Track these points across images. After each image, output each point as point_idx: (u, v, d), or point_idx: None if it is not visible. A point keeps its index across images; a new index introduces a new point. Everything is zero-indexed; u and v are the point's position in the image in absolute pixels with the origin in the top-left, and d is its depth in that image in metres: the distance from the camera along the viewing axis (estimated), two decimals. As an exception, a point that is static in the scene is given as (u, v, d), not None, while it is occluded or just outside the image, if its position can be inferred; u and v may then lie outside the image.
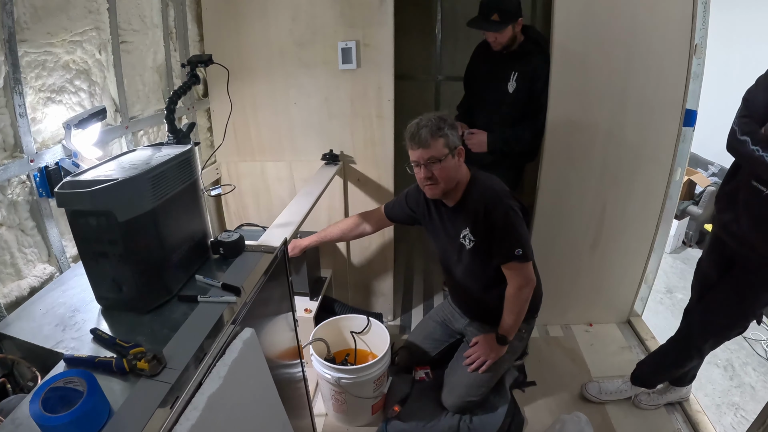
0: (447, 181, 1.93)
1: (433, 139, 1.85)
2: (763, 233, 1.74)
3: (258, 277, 1.41)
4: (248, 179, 2.83)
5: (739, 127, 1.68)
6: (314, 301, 2.52)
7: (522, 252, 1.93)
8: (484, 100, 2.70)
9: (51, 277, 1.53)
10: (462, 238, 2.05)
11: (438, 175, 1.90)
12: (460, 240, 2.06)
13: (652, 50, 2.38)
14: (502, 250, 1.96)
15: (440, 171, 1.89)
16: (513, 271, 2.00)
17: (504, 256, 1.97)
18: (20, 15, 1.41)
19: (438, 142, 1.86)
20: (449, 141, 1.88)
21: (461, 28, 3.55)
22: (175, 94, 1.50)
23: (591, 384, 2.45)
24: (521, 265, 1.98)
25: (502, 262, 2.00)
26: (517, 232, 1.94)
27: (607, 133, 2.54)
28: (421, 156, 1.89)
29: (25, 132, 1.43)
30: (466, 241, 2.04)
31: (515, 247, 1.93)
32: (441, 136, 1.86)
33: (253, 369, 1.25)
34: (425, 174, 1.91)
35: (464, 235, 2.04)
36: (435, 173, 1.90)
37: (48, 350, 1.09)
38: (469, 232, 2.03)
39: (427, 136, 1.85)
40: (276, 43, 2.54)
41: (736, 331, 2.02)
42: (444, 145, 1.87)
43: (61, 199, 1.12)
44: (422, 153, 1.88)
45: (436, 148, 1.86)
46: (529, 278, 2.02)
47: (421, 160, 1.89)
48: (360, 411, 2.25)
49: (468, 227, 2.02)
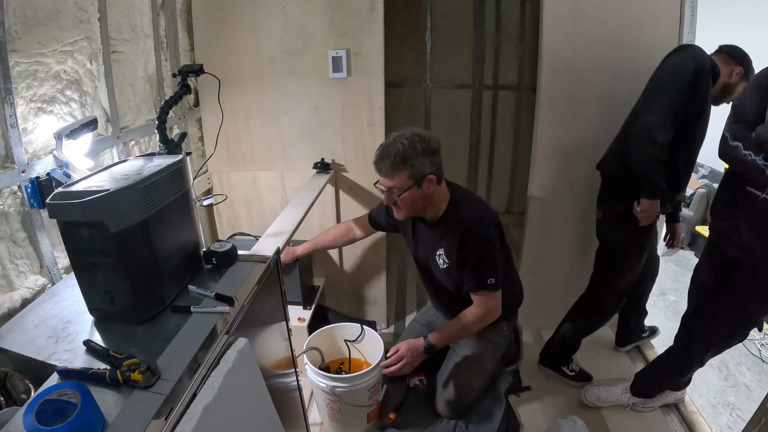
0: (411, 209, 1.89)
1: (396, 171, 1.77)
2: (762, 238, 1.75)
3: (251, 287, 1.40)
4: (240, 189, 2.83)
5: (731, 133, 1.71)
6: (308, 310, 2.52)
7: (494, 281, 1.89)
8: (702, 137, 2.17)
9: (43, 288, 1.52)
10: (437, 256, 2.01)
11: (401, 204, 1.86)
12: (435, 257, 2.02)
13: (641, 54, 2.41)
14: (473, 279, 1.91)
15: (402, 201, 1.84)
16: (481, 298, 1.95)
17: (475, 285, 1.92)
18: (11, 25, 1.41)
19: (400, 174, 1.77)
20: (415, 172, 1.77)
21: (451, 36, 3.59)
22: (166, 103, 1.50)
23: (590, 391, 2.44)
24: (491, 294, 1.93)
25: (473, 290, 1.95)
26: (491, 264, 1.90)
27: (597, 137, 2.55)
28: (383, 183, 1.84)
29: (16, 142, 1.42)
30: (440, 260, 2.00)
31: (488, 277, 1.89)
32: (405, 167, 1.76)
33: (248, 379, 1.24)
34: (388, 201, 1.89)
35: (438, 254, 2.00)
36: (397, 202, 1.85)
37: (41, 362, 1.08)
38: (443, 253, 1.98)
39: (388, 168, 1.78)
40: (267, 53, 2.55)
41: (738, 339, 2.02)
42: (408, 176, 1.78)
43: (53, 210, 1.11)
44: (384, 181, 1.83)
45: (398, 179, 1.78)
46: (494, 310, 1.97)
47: (384, 187, 1.85)
48: (355, 419, 2.24)
49: (442, 248, 1.98)
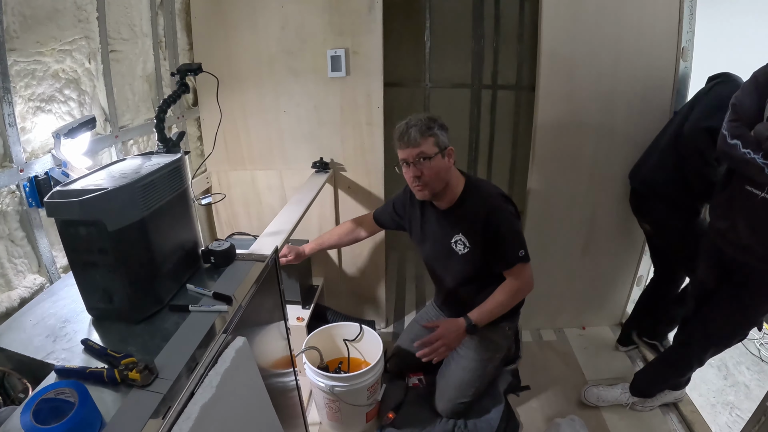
0: (436, 181, 1.91)
1: (422, 138, 1.85)
2: (761, 237, 1.74)
3: (249, 286, 1.40)
4: (239, 188, 2.83)
5: (729, 132, 1.70)
6: (306, 309, 2.52)
7: (524, 253, 1.94)
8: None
9: (41, 287, 1.52)
10: (453, 243, 2.03)
11: (426, 174, 1.88)
12: (450, 245, 2.04)
13: (640, 53, 2.42)
14: (507, 254, 1.94)
15: (429, 170, 1.88)
16: (516, 272, 1.98)
17: (508, 261, 1.95)
18: (9, 24, 1.41)
19: (428, 140, 1.86)
20: (439, 140, 1.88)
21: (450, 35, 3.59)
22: (164, 102, 1.49)
23: (590, 391, 2.43)
24: (524, 266, 1.96)
25: (507, 267, 1.97)
26: (520, 235, 1.96)
27: (596, 137, 2.57)
28: (409, 154, 1.88)
29: (15, 142, 1.42)
30: (458, 247, 2.02)
31: (518, 249, 1.93)
32: (431, 135, 1.86)
33: (246, 378, 1.24)
34: (414, 173, 1.90)
35: (456, 240, 2.02)
36: (424, 171, 1.88)
37: (39, 361, 1.08)
38: (461, 237, 2.00)
39: (416, 134, 1.85)
40: (265, 52, 2.54)
41: (737, 339, 2.02)
42: (434, 143, 1.87)
43: (51, 208, 1.11)
44: (411, 151, 1.87)
45: (426, 145, 1.86)
46: (529, 283, 2.00)
47: (410, 158, 1.88)
48: (354, 419, 2.23)
49: (461, 232, 2.00)
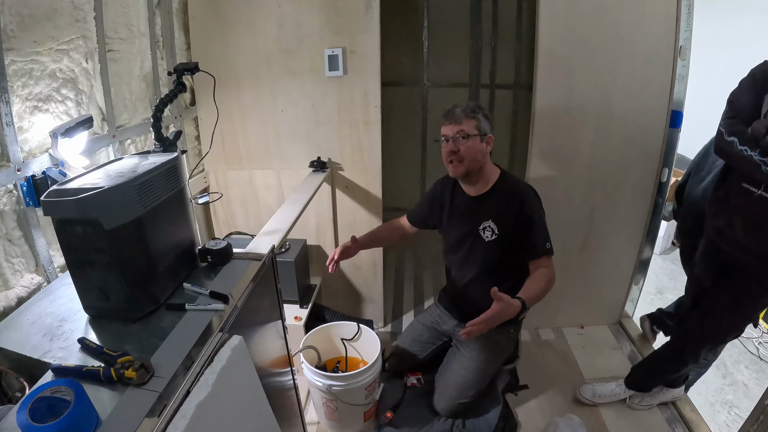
0: (471, 160, 1.97)
1: (465, 118, 1.95)
2: (757, 234, 1.75)
3: (246, 285, 1.40)
4: (236, 187, 2.83)
5: (726, 129, 1.70)
6: (304, 308, 2.52)
7: (551, 246, 1.98)
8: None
9: (38, 287, 1.52)
10: (481, 229, 2.06)
11: (463, 152, 1.95)
12: (478, 231, 2.06)
13: (638, 52, 2.42)
14: (537, 244, 1.97)
15: (466, 148, 1.95)
16: (544, 263, 1.97)
17: (537, 250, 1.97)
18: (6, 23, 1.41)
19: (470, 121, 1.95)
20: (480, 125, 1.97)
21: (448, 34, 3.58)
22: (161, 102, 1.50)
23: (585, 387, 2.45)
24: (550, 259, 1.98)
25: (534, 257, 1.98)
26: (547, 229, 2.00)
27: (594, 136, 2.57)
28: (451, 131, 1.97)
29: (12, 141, 1.42)
30: (485, 233, 2.05)
31: (546, 241, 1.97)
32: (473, 117, 1.96)
33: (242, 377, 1.24)
34: (451, 148, 1.97)
35: (485, 227, 2.05)
36: (461, 149, 1.95)
37: (36, 360, 1.08)
38: (491, 224, 2.03)
39: (460, 114, 1.96)
40: (262, 51, 2.54)
41: (733, 335, 2.03)
42: (475, 126, 1.95)
43: (48, 207, 1.11)
44: (453, 128, 1.96)
45: (467, 124, 1.95)
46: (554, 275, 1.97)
47: (451, 134, 1.97)
48: (352, 418, 2.23)
49: (492, 219, 2.03)
